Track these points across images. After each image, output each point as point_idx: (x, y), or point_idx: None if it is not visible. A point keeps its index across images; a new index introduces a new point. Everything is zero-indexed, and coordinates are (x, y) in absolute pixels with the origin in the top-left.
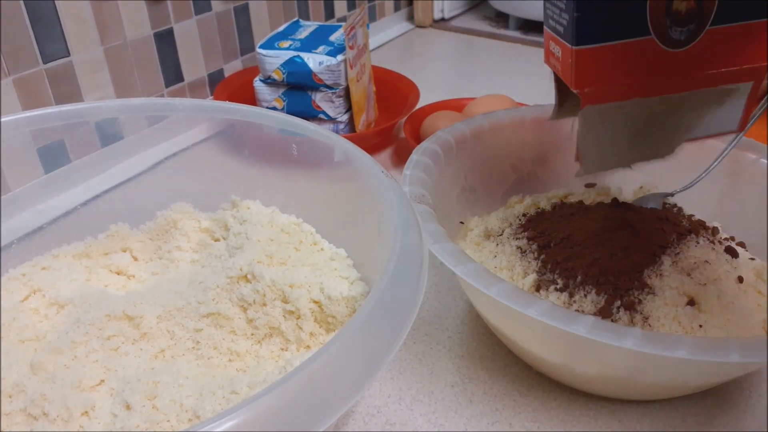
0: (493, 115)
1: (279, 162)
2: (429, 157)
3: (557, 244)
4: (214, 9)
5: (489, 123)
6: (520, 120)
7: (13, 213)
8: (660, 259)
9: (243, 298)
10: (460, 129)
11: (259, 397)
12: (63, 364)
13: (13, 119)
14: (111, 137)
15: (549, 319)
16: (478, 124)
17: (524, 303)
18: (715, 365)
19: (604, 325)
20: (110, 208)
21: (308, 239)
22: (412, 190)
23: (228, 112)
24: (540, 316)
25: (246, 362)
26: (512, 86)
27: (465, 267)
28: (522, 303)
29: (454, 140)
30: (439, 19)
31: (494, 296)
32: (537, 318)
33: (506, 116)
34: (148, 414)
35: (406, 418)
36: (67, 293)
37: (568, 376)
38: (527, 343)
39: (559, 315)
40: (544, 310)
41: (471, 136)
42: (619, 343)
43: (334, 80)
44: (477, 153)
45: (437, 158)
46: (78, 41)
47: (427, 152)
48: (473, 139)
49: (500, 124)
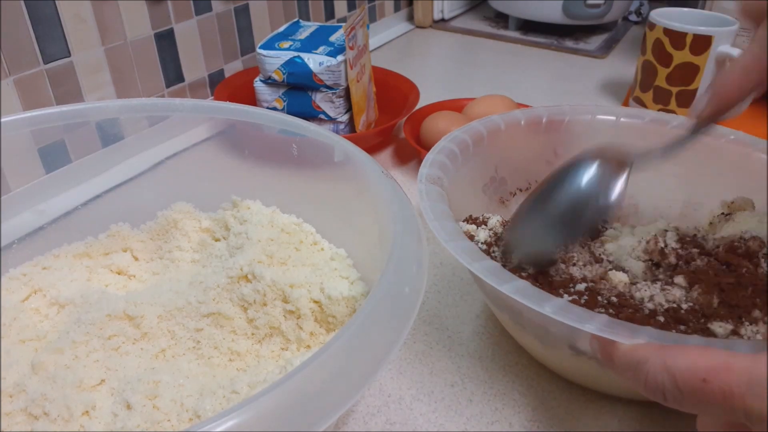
0: (531, 111)
1: (279, 162)
2: (457, 145)
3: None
4: (215, 9)
5: (525, 118)
6: (560, 117)
7: (13, 213)
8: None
9: (243, 297)
10: (495, 121)
11: (259, 397)
12: (64, 364)
13: (14, 119)
14: (111, 137)
15: (521, 297)
16: (515, 117)
17: (501, 280)
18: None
19: (571, 307)
20: (111, 208)
21: (308, 239)
22: (430, 173)
23: (228, 113)
24: (513, 293)
25: (246, 362)
26: (512, 86)
27: (457, 244)
28: (499, 280)
29: (486, 131)
30: (439, 20)
31: (476, 271)
32: (511, 295)
33: (546, 112)
34: (148, 413)
35: (406, 418)
36: (68, 293)
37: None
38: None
39: (531, 293)
40: (518, 288)
41: (505, 127)
42: (582, 326)
43: (334, 80)
44: (509, 146)
45: (465, 147)
46: (78, 41)
47: (456, 140)
48: (507, 131)
49: (538, 119)
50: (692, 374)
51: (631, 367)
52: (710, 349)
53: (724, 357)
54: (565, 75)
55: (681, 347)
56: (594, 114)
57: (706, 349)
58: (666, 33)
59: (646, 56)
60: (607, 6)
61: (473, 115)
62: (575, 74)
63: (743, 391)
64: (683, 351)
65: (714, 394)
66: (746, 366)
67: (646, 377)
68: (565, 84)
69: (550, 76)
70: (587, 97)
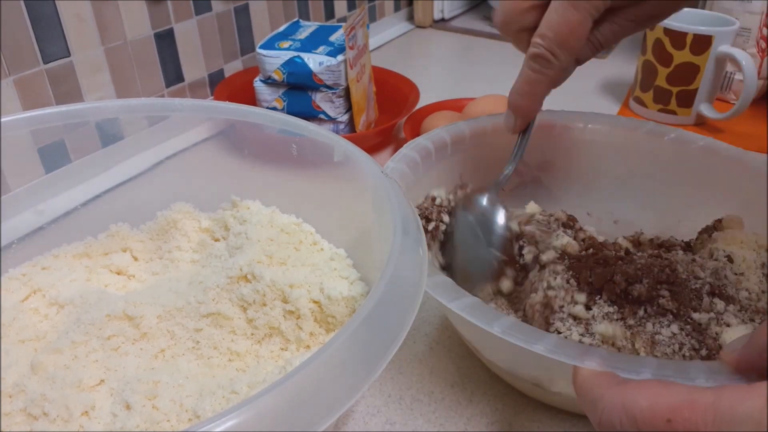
0: (495, 118)
1: (279, 162)
2: (418, 152)
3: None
4: (215, 9)
5: (492, 124)
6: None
7: (13, 213)
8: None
9: (243, 298)
10: (460, 128)
11: (258, 397)
12: (63, 364)
13: (14, 119)
14: (111, 137)
15: (469, 316)
16: (480, 124)
17: (451, 297)
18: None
19: (522, 327)
20: (110, 208)
21: (308, 239)
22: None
23: (228, 112)
24: (460, 310)
25: (246, 362)
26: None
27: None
28: (449, 297)
29: (451, 138)
30: (439, 20)
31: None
32: (458, 312)
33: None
34: (148, 414)
35: (407, 418)
36: (67, 293)
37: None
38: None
39: (479, 313)
40: (465, 305)
41: (470, 135)
42: (530, 347)
43: (334, 80)
44: (476, 153)
45: (427, 154)
46: (78, 41)
47: (417, 147)
48: (472, 139)
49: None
50: (655, 415)
51: (587, 401)
52: (670, 385)
53: (686, 393)
54: None
55: (637, 384)
56: (560, 120)
57: (665, 385)
58: (666, 33)
59: (646, 56)
60: None
61: (473, 115)
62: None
63: (709, 430)
64: (641, 389)
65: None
66: (710, 401)
67: (600, 416)
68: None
69: None
70: (587, 96)
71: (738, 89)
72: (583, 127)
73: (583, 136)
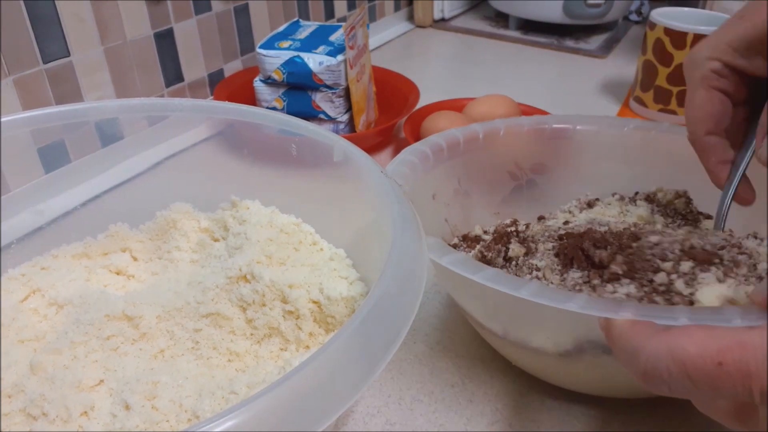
0: (489, 124)
1: (278, 162)
2: (417, 156)
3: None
4: (214, 9)
5: (484, 131)
6: (516, 129)
7: (12, 213)
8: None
9: (242, 298)
10: (454, 134)
11: (258, 397)
12: (62, 365)
13: (13, 119)
14: (111, 137)
15: (495, 284)
16: (473, 131)
17: (441, 253)
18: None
19: (547, 290)
20: (110, 208)
21: (307, 239)
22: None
23: (228, 112)
24: (451, 265)
25: (245, 362)
26: (512, 86)
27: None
28: (439, 253)
29: (446, 144)
30: (439, 19)
31: (446, 264)
32: (484, 283)
33: (502, 125)
34: (147, 414)
35: (407, 418)
36: (67, 293)
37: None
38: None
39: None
40: (455, 260)
41: (464, 141)
42: (563, 305)
43: (334, 80)
44: (471, 158)
45: (425, 158)
46: (78, 41)
47: (415, 152)
48: (467, 144)
49: (496, 132)
50: (705, 360)
51: (627, 353)
52: (714, 329)
53: (732, 336)
54: (566, 75)
55: (681, 330)
56: (550, 124)
57: (709, 330)
58: (667, 33)
59: (646, 56)
60: (608, 6)
61: (473, 115)
62: (576, 74)
63: (760, 368)
64: (686, 335)
65: (731, 377)
66: (760, 342)
67: (645, 366)
68: (566, 84)
69: (551, 75)
70: (588, 96)
71: None
72: (572, 129)
73: (573, 138)
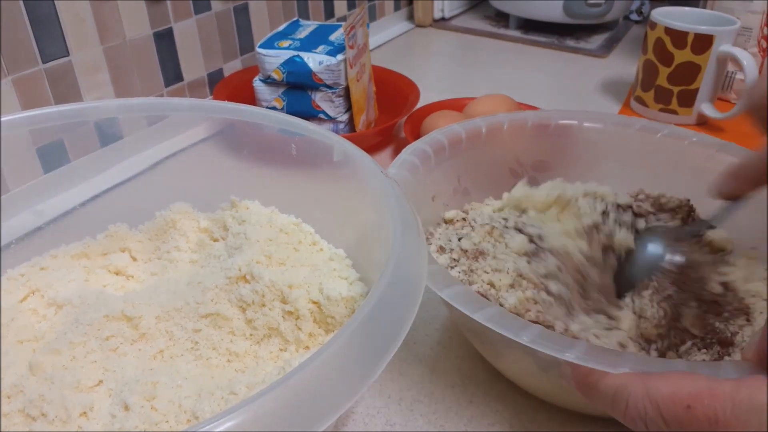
0: (492, 118)
1: (278, 162)
2: (417, 156)
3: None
4: (214, 9)
5: (486, 125)
6: (520, 124)
7: (12, 213)
8: None
9: (242, 298)
10: (455, 130)
11: (257, 398)
12: (61, 365)
13: (13, 119)
14: (110, 137)
15: (497, 327)
16: (475, 126)
17: (441, 285)
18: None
19: (550, 335)
20: (109, 209)
21: (307, 239)
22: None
23: (227, 112)
24: (450, 299)
25: (245, 363)
26: (512, 86)
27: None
28: (440, 285)
29: (448, 141)
30: (439, 19)
31: (446, 298)
32: (484, 323)
33: (505, 119)
34: (146, 414)
35: (407, 419)
36: (66, 293)
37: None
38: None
39: (468, 299)
40: (455, 294)
41: (467, 137)
42: (561, 355)
43: (334, 80)
44: (473, 155)
45: (426, 158)
46: (77, 41)
47: (416, 152)
48: (469, 141)
49: (498, 127)
50: (676, 401)
51: (609, 395)
52: (691, 375)
53: (706, 382)
54: (566, 74)
55: (661, 374)
56: (556, 119)
57: (686, 374)
58: (667, 32)
59: (647, 55)
60: (608, 5)
61: (473, 115)
62: (576, 73)
63: (728, 417)
64: (664, 377)
65: (699, 421)
66: (729, 391)
67: (626, 406)
68: (566, 83)
69: (551, 75)
70: (588, 96)
71: (739, 89)
72: (578, 126)
73: (578, 135)
